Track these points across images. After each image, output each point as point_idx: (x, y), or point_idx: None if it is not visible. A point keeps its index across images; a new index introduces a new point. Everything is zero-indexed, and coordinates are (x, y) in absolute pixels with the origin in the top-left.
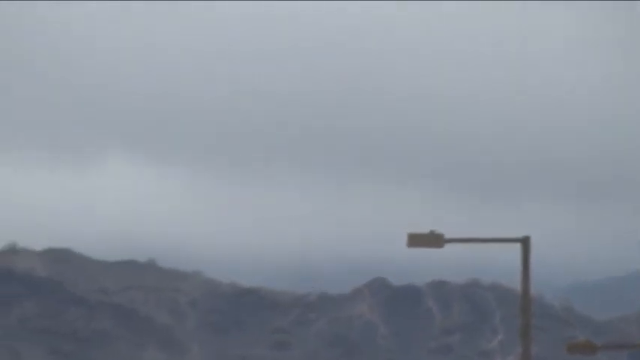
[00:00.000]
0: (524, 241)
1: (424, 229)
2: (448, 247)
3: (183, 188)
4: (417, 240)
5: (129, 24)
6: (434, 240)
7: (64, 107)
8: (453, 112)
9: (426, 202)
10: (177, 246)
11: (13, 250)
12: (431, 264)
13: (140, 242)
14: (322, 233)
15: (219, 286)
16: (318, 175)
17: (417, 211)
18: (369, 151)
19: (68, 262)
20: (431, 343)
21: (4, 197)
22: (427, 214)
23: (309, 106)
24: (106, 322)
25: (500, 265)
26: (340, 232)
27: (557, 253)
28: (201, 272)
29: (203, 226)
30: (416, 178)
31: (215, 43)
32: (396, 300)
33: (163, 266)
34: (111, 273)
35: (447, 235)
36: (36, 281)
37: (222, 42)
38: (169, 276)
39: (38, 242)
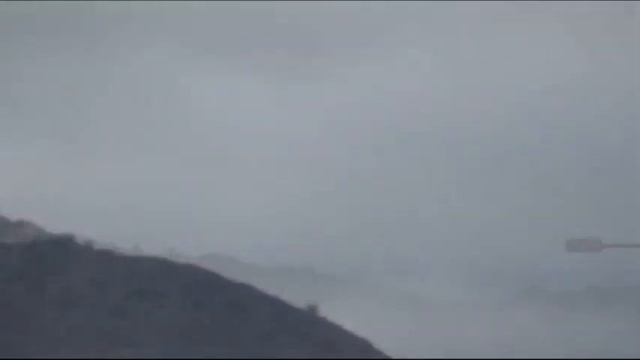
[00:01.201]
0: None
1: (580, 236)
2: (605, 253)
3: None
4: (575, 245)
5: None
6: (592, 245)
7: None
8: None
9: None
10: (334, 255)
11: (170, 257)
12: (588, 270)
13: (298, 250)
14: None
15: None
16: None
17: (573, 219)
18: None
19: (225, 268)
20: (590, 347)
21: (162, 206)
22: (582, 221)
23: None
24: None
25: None
26: (498, 238)
27: None
28: (355, 280)
29: (356, 237)
30: (572, 186)
31: None
32: (554, 305)
33: (320, 273)
34: (268, 280)
35: (604, 242)
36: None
37: None
38: (326, 283)
39: (196, 249)
